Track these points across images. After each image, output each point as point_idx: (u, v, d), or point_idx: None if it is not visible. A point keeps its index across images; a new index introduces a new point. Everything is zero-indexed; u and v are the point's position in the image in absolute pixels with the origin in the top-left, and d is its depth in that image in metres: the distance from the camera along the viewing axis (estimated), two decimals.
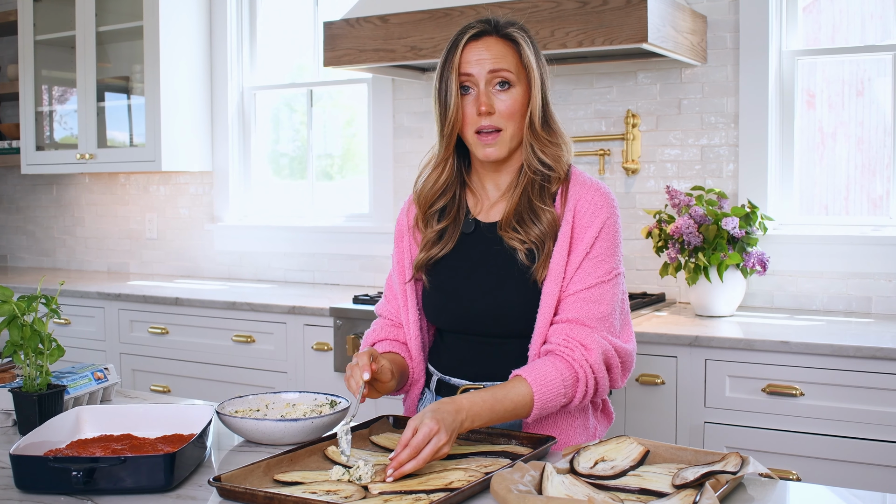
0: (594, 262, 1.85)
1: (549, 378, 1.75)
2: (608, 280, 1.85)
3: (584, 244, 1.85)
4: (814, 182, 3.51)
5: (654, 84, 3.50)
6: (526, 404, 1.74)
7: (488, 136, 1.87)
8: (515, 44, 1.88)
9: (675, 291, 3.47)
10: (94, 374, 2.08)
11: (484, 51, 1.86)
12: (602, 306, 1.83)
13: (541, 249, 1.86)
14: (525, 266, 1.87)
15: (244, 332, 3.66)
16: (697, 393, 2.76)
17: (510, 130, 1.88)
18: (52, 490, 1.49)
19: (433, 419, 1.56)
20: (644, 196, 3.53)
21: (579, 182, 1.90)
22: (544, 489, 1.43)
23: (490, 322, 1.90)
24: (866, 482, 2.53)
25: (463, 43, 1.88)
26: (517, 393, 1.74)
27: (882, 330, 2.84)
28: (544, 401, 1.75)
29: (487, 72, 1.85)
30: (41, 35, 4.72)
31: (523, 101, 1.88)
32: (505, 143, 1.88)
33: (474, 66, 1.86)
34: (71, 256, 5.21)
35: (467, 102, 1.88)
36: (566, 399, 1.78)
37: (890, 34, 3.32)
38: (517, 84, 1.87)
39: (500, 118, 1.86)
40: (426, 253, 1.98)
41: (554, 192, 1.90)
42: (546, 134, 1.90)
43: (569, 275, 1.84)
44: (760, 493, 1.49)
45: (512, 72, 1.86)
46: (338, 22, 3.45)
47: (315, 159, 4.45)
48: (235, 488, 1.44)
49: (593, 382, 1.80)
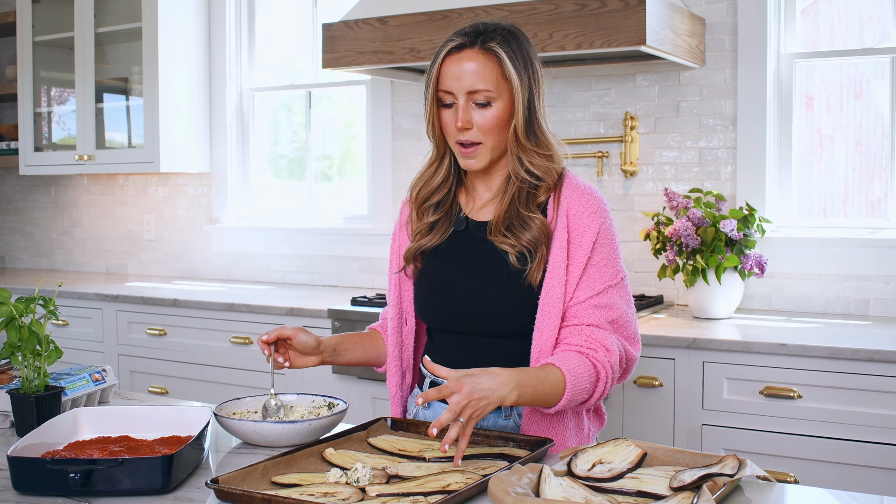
0: (598, 268, 1.85)
1: (579, 371, 1.76)
2: (615, 284, 1.86)
3: (583, 250, 1.85)
4: (812, 184, 3.52)
5: (652, 86, 3.50)
6: (558, 393, 1.74)
7: (467, 148, 1.87)
8: (497, 56, 1.83)
9: (674, 293, 3.47)
10: (91, 375, 2.08)
11: (464, 64, 1.83)
12: (613, 311, 1.85)
13: (533, 253, 1.86)
14: (517, 269, 1.87)
15: (242, 333, 3.66)
16: (695, 395, 2.76)
17: (490, 143, 1.87)
18: (49, 492, 1.49)
19: (478, 387, 1.60)
20: (642, 198, 3.53)
21: (571, 186, 1.90)
22: (542, 492, 1.43)
23: (480, 322, 1.91)
24: (864, 484, 2.53)
25: (442, 57, 1.86)
26: (554, 379, 1.74)
27: (880, 332, 2.84)
28: (573, 393, 1.75)
29: (465, 92, 1.83)
30: (40, 36, 4.72)
31: (505, 114, 1.85)
32: (485, 155, 1.88)
33: (453, 82, 1.84)
34: (69, 258, 5.20)
35: (448, 115, 1.88)
36: (587, 396, 1.79)
37: (888, 37, 3.33)
38: (498, 99, 1.84)
39: (479, 133, 1.85)
40: (416, 242, 2.00)
41: (542, 200, 1.90)
42: (533, 144, 1.87)
43: (572, 282, 1.84)
44: (758, 496, 1.49)
45: (491, 89, 1.83)
46: (336, 24, 3.46)
47: (313, 161, 4.45)
48: (233, 490, 1.44)
49: (610, 385, 1.82)
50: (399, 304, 2.03)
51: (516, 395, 1.66)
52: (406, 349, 2.05)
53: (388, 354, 2.05)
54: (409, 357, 2.06)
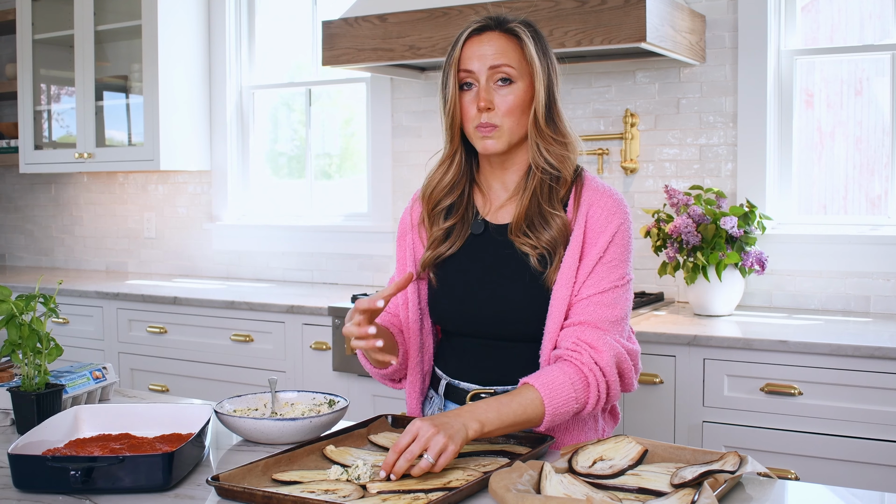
0: (608, 267, 1.82)
1: (557, 383, 1.71)
2: (621, 285, 1.83)
3: (597, 249, 1.82)
4: (812, 181, 3.51)
5: (652, 83, 3.50)
6: (536, 409, 1.69)
7: (486, 128, 1.84)
8: (518, 39, 1.84)
9: (674, 291, 3.47)
10: (92, 373, 2.08)
11: (485, 46, 1.83)
12: (615, 310, 1.81)
13: (553, 255, 1.83)
14: (538, 272, 1.83)
15: (243, 331, 3.66)
16: (696, 392, 2.76)
17: (508, 125, 1.84)
18: (50, 489, 1.49)
19: (432, 424, 1.54)
20: (643, 195, 3.53)
21: (592, 188, 1.87)
22: (543, 488, 1.43)
23: (501, 326, 1.87)
24: (865, 481, 2.53)
25: (464, 38, 1.85)
26: (525, 398, 1.68)
27: (880, 329, 2.84)
28: (555, 406, 1.70)
29: (488, 68, 1.82)
30: (40, 34, 4.72)
31: (526, 98, 1.84)
32: (504, 136, 1.84)
33: (475, 61, 1.83)
34: (69, 256, 5.20)
35: (468, 99, 1.85)
36: (578, 404, 1.73)
37: (888, 34, 3.32)
38: (519, 80, 1.83)
39: (500, 114, 1.83)
40: (433, 251, 1.94)
41: (563, 195, 1.87)
42: (551, 132, 1.86)
43: (580, 279, 1.81)
44: (759, 493, 1.49)
45: (514, 67, 1.83)
46: (336, 21, 3.45)
47: (314, 158, 4.45)
48: (234, 487, 1.44)
49: (605, 386, 1.76)
50: (418, 304, 1.97)
51: (478, 424, 1.60)
52: (427, 351, 1.99)
53: (410, 358, 1.97)
54: (429, 360, 2.00)
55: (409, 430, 1.54)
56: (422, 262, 1.96)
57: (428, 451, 1.51)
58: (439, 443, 1.52)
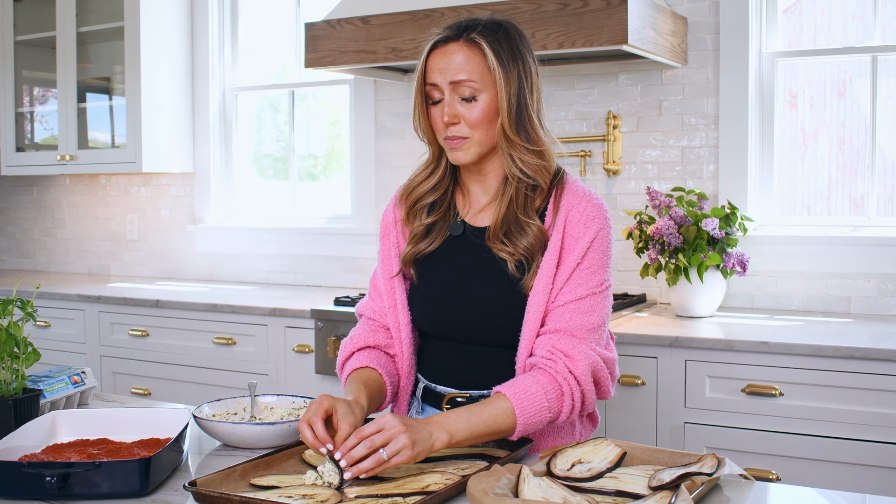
0: (586, 274, 1.80)
1: (529, 392, 1.69)
2: (599, 292, 1.81)
3: (574, 255, 1.80)
4: (796, 182, 3.53)
5: (634, 85, 3.51)
6: (507, 419, 1.67)
7: (454, 140, 1.82)
8: (481, 48, 1.80)
9: (656, 292, 3.48)
10: (71, 377, 2.06)
11: (448, 59, 1.80)
12: (592, 317, 1.79)
13: (530, 261, 1.82)
14: (515, 278, 1.82)
15: (225, 334, 3.65)
16: (677, 393, 2.76)
17: (477, 137, 1.82)
18: (26, 496, 1.47)
19: (401, 422, 1.53)
20: (625, 197, 3.54)
21: (572, 192, 1.85)
22: (521, 492, 1.43)
23: (477, 331, 1.86)
24: (846, 482, 2.54)
25: (427, 51, 1.83)
26: (496, 408, 1.67)
27: (861, 330, 2.85)
28: (527, 416, 1.68)
29: (449, 83, 1.80)
30: (21, 35, 4.69)
31: (492, 108, 1.81)
32: (473, 147, 1.83)
33: (437, 75, 1.81)
34: (51, 258, 5.18)
35: (435, 111, 1.84)
36: (551, 413, 1.72)
37: (871, 35, 3.34)
38: (484, 91, 1.80)
39: (466, 127, 1.81)
40: (414, 247, 1.92)
41: (541, 202, 1.85)
42: (523, 140, 1.82)
43: (557, 286, 1.79)
44: (736, 494, 1.49)
45: (476, 80, 1.79)
46: (319, 23, 3.45)
47: (298, 160, 4.44)
48: (211, 493, 1.43)
49: (580, 395, 1.74)
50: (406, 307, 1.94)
51: (447, 436, 1.58)
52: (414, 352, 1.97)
53: (405, 361, 1.94)
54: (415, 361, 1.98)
55: (377, 421, 1.54)
56: (402, 256, 1.94)
57: (386, 447, 1.51)
58: (401, 442, 1.51)
